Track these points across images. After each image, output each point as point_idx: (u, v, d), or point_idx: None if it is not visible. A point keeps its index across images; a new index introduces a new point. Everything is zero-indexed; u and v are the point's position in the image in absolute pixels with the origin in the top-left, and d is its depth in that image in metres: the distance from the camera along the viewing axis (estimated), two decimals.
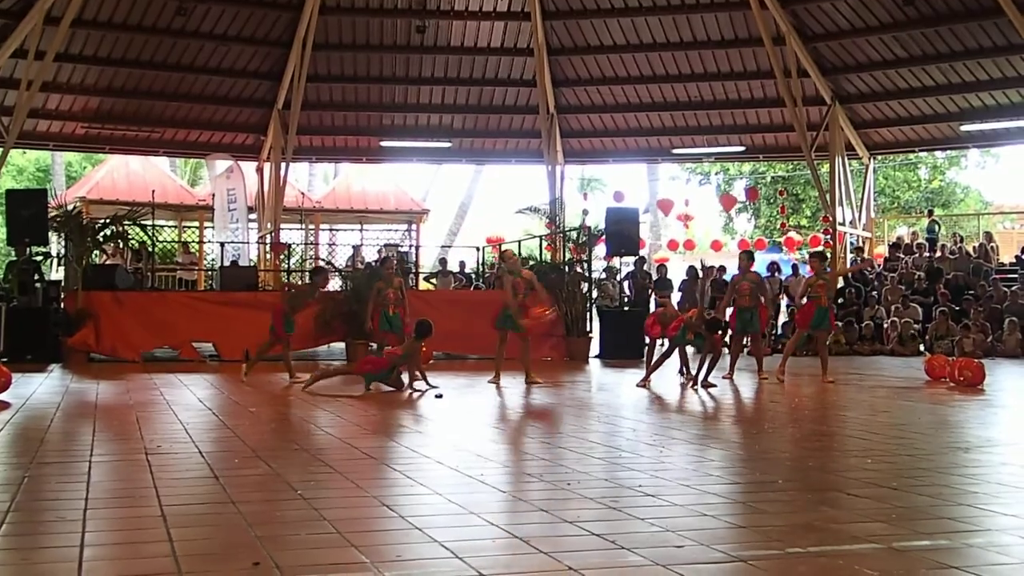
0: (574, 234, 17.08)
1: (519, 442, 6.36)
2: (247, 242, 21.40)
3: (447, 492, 4.18)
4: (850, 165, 21.58)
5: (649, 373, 10.10)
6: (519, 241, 21.26)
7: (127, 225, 14.77)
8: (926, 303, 17.97)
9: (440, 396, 8.54)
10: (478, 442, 5.92)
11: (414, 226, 25.76)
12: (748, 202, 33.40)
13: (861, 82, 20.20)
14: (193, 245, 23.03)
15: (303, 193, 25.94)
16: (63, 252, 14.88)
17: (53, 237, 15.28)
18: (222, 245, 21.04)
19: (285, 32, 19.82)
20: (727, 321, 11.32)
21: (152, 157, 23.84)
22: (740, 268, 11.38)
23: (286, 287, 11.81)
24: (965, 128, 20.19)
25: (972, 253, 20.28)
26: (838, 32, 19.14)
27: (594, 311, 15.95)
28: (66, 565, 2.98)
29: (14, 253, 14.83)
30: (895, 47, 19.01)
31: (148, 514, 3.71)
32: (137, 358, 13.02)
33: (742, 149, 22.91)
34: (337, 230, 26.14)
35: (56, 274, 17.35)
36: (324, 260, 20.58)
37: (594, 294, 15.99)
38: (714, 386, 9.56)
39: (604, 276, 17.26)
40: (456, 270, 19.98)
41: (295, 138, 20.53)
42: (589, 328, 15.49)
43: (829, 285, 11.22)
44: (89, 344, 13.01)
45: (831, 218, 20.33)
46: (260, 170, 22.11)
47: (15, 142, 18.53)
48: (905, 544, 3.34)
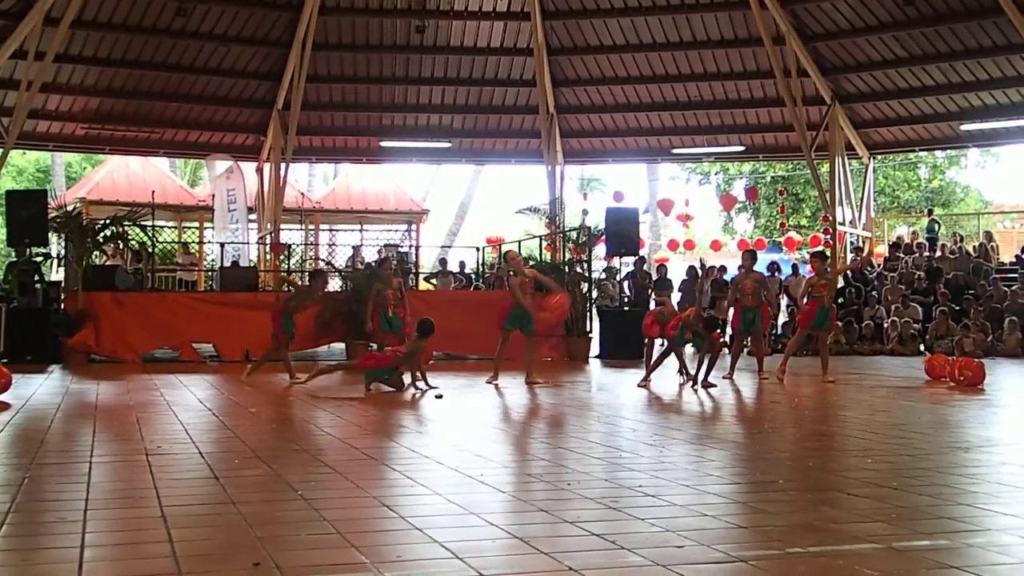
0: (574, 234, 17.09)
1: (519, 442, 6.36)
2: (247, 242, 21.40)
3: (447, 492, 4.18)
4: (850, 165, 21.58)
5: (649, 373, 10.12)
6: (519, 241, 21.26)
7: (127, 226, 14.78)
8: (926, 303, 17.97)
9: (440, 396, 8.54)
10: (478, 442, 5.92)
11: (414, 226, 25.75)
12: (748, 202, 33.41)
13: (861, 82, 20.20)
14: (193, 246, 23.04)
15: (303, 193, 25.94)
16: (63, 253, 14.89)
17: (53, 238, 15.28)
18: (222, 246, 21.03)
19: (285, 32, 19.82)
20: (725, 319, 11.32)
21: (152, 158, 23.85)
22: (743, 267, 11.37)
23: (285, 284, 11.78)
24: (965, 128, 20.20)
25: (972, 253, 20.27)
26: (838, 32, 19.15)
27: (594, 311, 15.96)
28: (66, 566, 2.98)
29: (14, 254, 14.83)
30: (895, 47, 19.01)
31: (148, 515, 3.71)
32: (137, 359, 13.03)
33: (742, 149, 22.91)
34: (337, 230, 26.13)
35: (56, 275, 17.35)
36: (324, 260, 20.62)
37: (594, 294, 16.00)
38: (714, 386, 9.56)
39: (604, 276, 17.26)
40: (456, 270, 19.98)
41: (295, 138, 20.53)
42: (589, 328, 15.50)
43: (830, 285, 11.22)
44: (89, 345, 13.01)
45: (831, 218, 20.33)
46: (260, 170, 22.11)
47: (15, 143, 18.54)
48: (905, 544, 3.34)
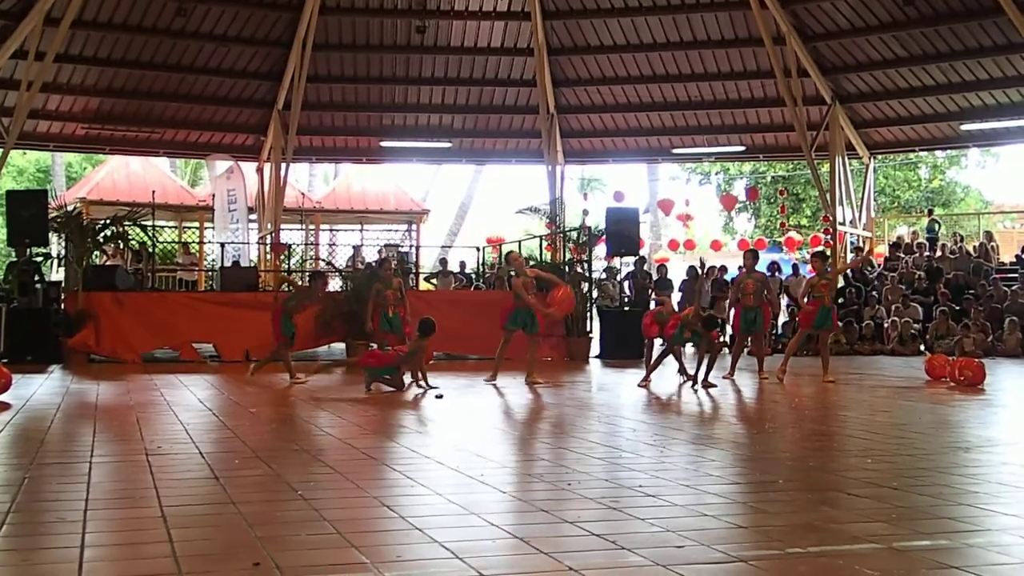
0: (574, 234, 17.10)
1: (519, 442, 6.36)
2: (247, 242, 21.40)
3: (447, 492, 4.18)
4: (850, 165, 21.57)
5: (649, 373, 10.12)
6: (519, 241, 21.26)
7: (127, 226, 14.77)
8: (926, 303, 17.97)
9: (440, 396, 8.54)
10: (478, 442, 5.92)
11: (414, 226, 25.75)
12: (748, 202, 33.42)
13: (861, 82, 20.20)
14: (193, 246, 23.04)
15: (303, 193, 25.94)
16: (63, 253, 14.89)
17: (53, 238, 15.27)
18: (222, 246, 21.03)
19: (285, 32, 19.82)
20: (723, 319, 11.32)
21: (152, 158, 23.84)
22: (745, 267, 11.39)
23: (285, 284, 11.77)
24: (965, 128, 20.19)
25: (972, 252, 20.26)
26: (838, 32, 19.14)
27: (594, 311, 15.96)
28: (66, 566, 2.98)
29: (14, 254, 14.83)
30: (895, 47, 19.01)
31: (148, 515, 3.71)
32: (137, 359, 13.03)
33: (742, 149, 22.91)
34: (337, 230, 26.13)
35: (56, 275, 17.35)
36: (324, 260, 20.62)
37: (594, 294, 16.00)
38: (714, 386, 9.56)
39: (604, 276, 17.26)
40: (456, 270, 19.98)
41: (295, 138, 20.52)
42: (589, 328, 15.50)
43: (831, 285, 11.22)
44: (89, 345, 13.00)
45: (831, 218, 20.33)
46: (260, 170, 22.11)
47: (15, 143, 18.53)
48: (905, 544, 3.34)
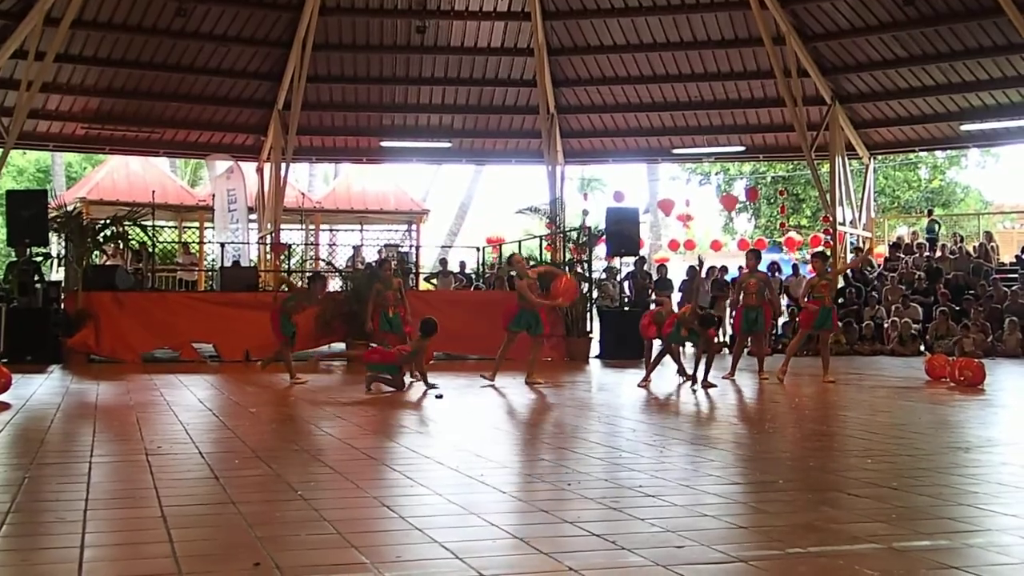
0: (574, 234, 17.11)
1: (519, 442, 6.36)
2: (247, 242, 21.40)
3: (447, 492, 4.18)
4: (850, 165, 21.57)
5: (649, 373, 10.12)
6: (519, 241, 21.27)
7: (127, 226, 14.78)
8: (926, 303, 17.97)
9: (440, 397, 8.54)
10: (478, 442, 5.92)
11: (414, 226, 25.75)
12: (748, 202, 33.42)
13: (861, 82, 20.20)
14: (193, 246, 23.03)
15: (303, 193, 25.94)
16: (63, 253, 14.89)
17: (53, 238, 15.28)
18: (222, 246, 21.03)
19: (285, 32, 19.82)
20: (720, 317, 11.33)
21: (152, 158, 23.84)
22: (748, 266, 11.41)
23: (283, 285, 11.78)
24: (965, 128, 20.19)
25: (972, 253, 20.27)
26: (838, 32, 19.14)
27: (594, 311, 15.96)
28: (66, 566, 2.98)
29: (14, 254, 14.83)
30: (895, 47, 19.01)
31: (148, 515, 3.71)
32: (137, 359, 13.03)
33: (742, 149, 22.91)
34: (337, 230, 26.12)
35: (56, 275, 17.35)
36: (324, 261, 20.62)
37: (594, 294, 16.00)
38: (714, 386, 9.56)
39: (604, 276, 17.27)
40: (456, 270, 19.98)
41: (295, 138, 20.52)
42: (589, 328, 15.51)
43: (831, 285, 11.23)
44: (89, 345, 13.00)
45: (831, 218, 20.33)
46: (260, 170, 22.11)
47: (15, 143, 18.52)
48: (905, 544, 3.34)
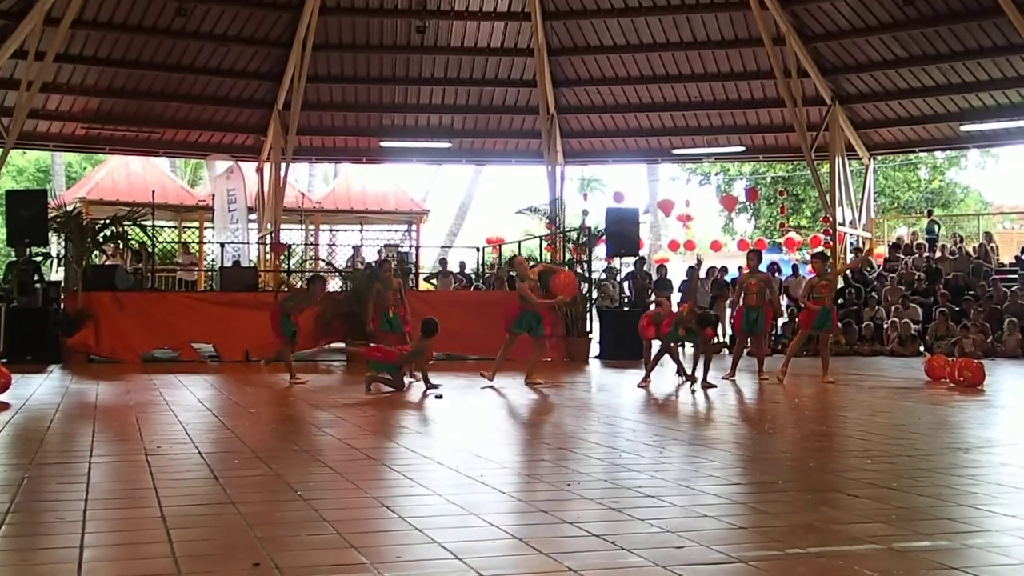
0: (574, 234, 17.10)
1: (519, 443, 6.37)
2: (247, 243, 21.40)
3: (447, 493, 4.18)
4: (850, 165, 21.57)
5: (648, 373, 10.12)
6: (519, 242, 21.27)
7: (127, 226, 14.78)
8: (926, 303, 17.97)
9: (440, 397, 8.54)
10: (478, 443, 5.92)
11: (414, 226, 25.74)
12: (748, 202, 33.41)
13: (861, 82, 20.20)
14: (193, 246, 23.03)
15: (303, 193, 25.94)
16: (63, 253, 14.89)
17: (53, 238, 15.28)
18: (222, 246, 21.03)
19: (285, 32, 19.82)
20: (718, 316, 11.33)
21: (152, 158, 23.84)
22: (748, 267, 11.43)
23: (282, 286, 11.78)
24: (965, 128, 20.20)
25: (972, 253, 20.27)
26: (838, 32, 19.14)
27: (594, 311, 15.96)
28: (66, 566, 2.98)
29: (14, 254, 14.83)
30: (895, 47, 19.01)
31: (148, 515, 3.71)
32: (137, 359, 13.03)
33: (742, 149, 22.91)
34: (337, 230, 26.12)
35: (56, 275, 17.35)
36: (324, 261, 20.61)
37: (594, 294, 16.00)
38: (714, 386, 9.57)
39: (604, 276, 17.27)
40: (456, 271, 19.98)
41: (295, 138, 20.52)
42: (589, 328, 15.50)
43: (831, 285, 11.23)
44: (89, 345, 13.01)
45: (831, 218, 20.33)
46: (260, 170, 22.11)
47: (15, 143, 18.53)
48: (905, 545, 3.34)
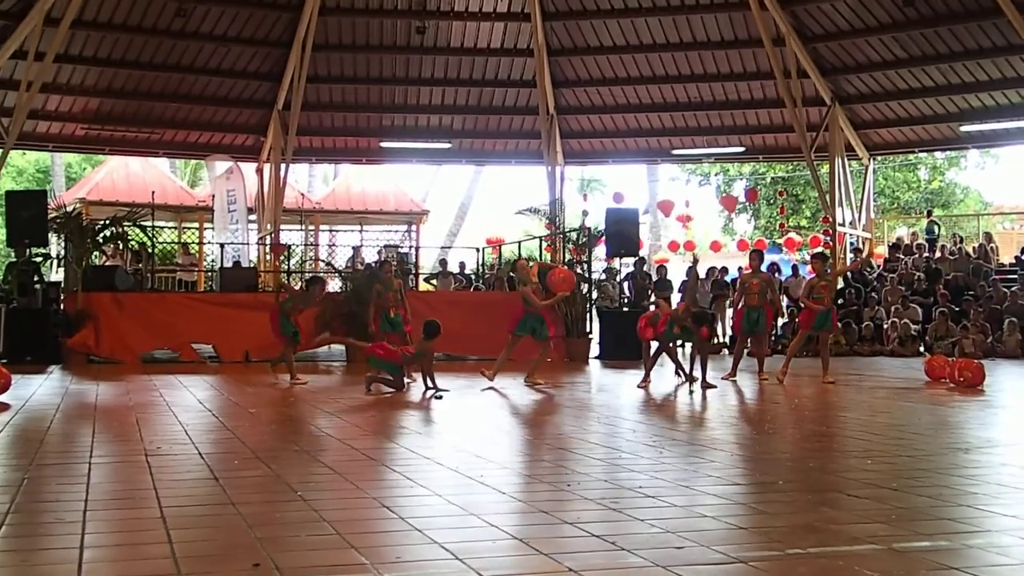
0: (574, 235, 17.10)
1: (519, 443, 6.37)
2: (247, 243, 21.40)
3: (447, 493, 4.18)
4: (850, 166, 21.57)
5: (648, 373, 10.12)
6: (519, 242, 21.27)
7: (127, 226, 14.77)
8: (926, 304, 17.97)
9: (440, 397, 8.55)
10: (478, 443, 5.92)
11: (414, 227, 25.74)
12: (748, 203, 33.42)
13: (861, 83, 20.20)
14: (193, 246, 23.03)
15: (303, 194, 25.95)
16: (63, 253, 14.88)
17: (53, 238, 15.27)
18: (222, 246, 21.04)
19: (285, 33, 19.81)
20: (715, 315, 11.33)
21: (152, 158, 23.85)
22: (750, 267, 11.44)
23: (281, 288, 11.80)
24: (965, 128, 20.19)
25: (972, 254, 20.27)
26: (838, 33, 19.14)
27: (594, 312, 15.96)
28: (66, 567, 2.98)
29: (14, 254, 14.83)
30: (895, 47, 19.01)
31: (148, 515, 3.71)
32: (136, 360, 13.02)
33: (742, 150, 22.91)
34: (337, 231, 26.11)
35: (56, 275, 17.34)
36: (324, 261, 20.62)
37: (594, 295, 15.99)
38: (714, 387, 9.57)
39: (604, 277, 17.27)
40: (456, 271, 19.98)
41: (295, 139, 20.52)
42: (589, 329, 15.50)
43: (831, 286, 11.24)
44: (89, 345, 13.00)
45: (831, 219, 20.33)
46: (260, 171, 22.11)
47: (15, 143, 18.52)
48: (905, 545, 3.34)
